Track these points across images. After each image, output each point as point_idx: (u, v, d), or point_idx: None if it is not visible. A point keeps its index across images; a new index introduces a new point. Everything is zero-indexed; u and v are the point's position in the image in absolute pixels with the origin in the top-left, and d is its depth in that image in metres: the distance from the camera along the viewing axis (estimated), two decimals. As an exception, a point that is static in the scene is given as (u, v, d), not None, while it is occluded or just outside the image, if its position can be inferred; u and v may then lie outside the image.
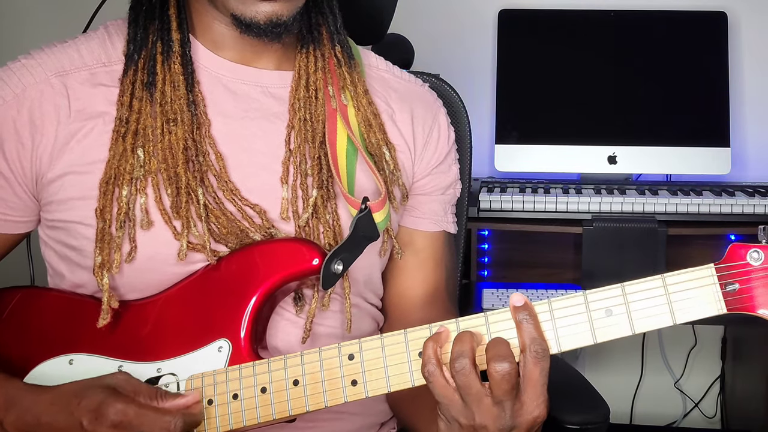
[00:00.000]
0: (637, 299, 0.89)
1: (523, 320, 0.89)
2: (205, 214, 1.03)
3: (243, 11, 1.00)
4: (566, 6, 2.31)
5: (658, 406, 2.50)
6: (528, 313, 0.89)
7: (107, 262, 1.01)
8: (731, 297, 0.87)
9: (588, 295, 0.90)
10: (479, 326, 0.91)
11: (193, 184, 1.03)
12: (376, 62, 1.22)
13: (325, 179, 1.08)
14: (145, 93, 1.04)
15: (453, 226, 1.25)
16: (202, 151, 1.04)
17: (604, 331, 0.89)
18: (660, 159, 2.21)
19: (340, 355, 0.94)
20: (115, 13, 1.13)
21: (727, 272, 0.87)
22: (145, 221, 1.02)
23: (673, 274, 0.88)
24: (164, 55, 1.05)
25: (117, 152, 1.02)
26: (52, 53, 1.05)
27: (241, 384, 0.96)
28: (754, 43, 2.36)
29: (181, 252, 1.02)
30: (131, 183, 1.02)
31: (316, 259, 1.00)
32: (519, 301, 0.90)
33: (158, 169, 1.03)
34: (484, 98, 2.36)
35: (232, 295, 1.01)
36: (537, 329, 0.89)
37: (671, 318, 0.88)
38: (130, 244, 1.02)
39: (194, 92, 1.06)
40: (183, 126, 1.04)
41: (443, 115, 1.22)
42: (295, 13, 1.02)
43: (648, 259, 1.98)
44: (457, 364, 0.87)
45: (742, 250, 0.87)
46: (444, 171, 1.21)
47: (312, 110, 1.10)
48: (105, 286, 1.01)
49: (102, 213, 1.01)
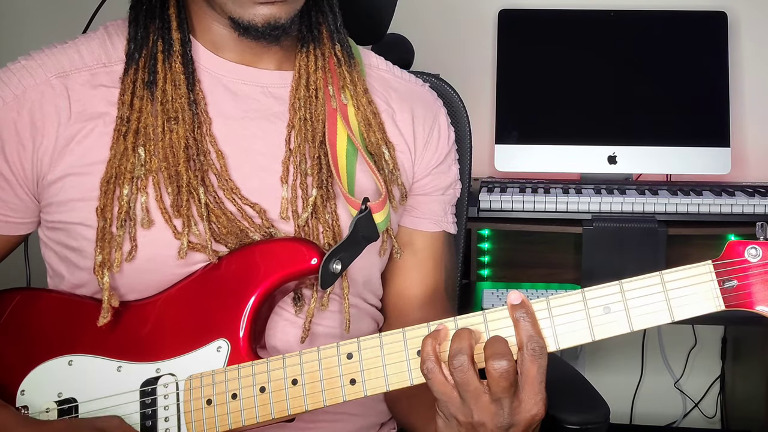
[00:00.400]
0: (635, 296, 0.89)
1: (521, 318, 0.89)
2: (206, 213, 1.03)
3: (241, 14, 1.00)
4: (566, 6, 2.31)
5: (658, 406, 2.50)
6: (525, 311, 0.89)
7: (108, 261, 1.01)
8: (729, 293, 0.87)
9: (586, 292, 0.90)
10: (477, 324, 0.91)
11: (194, 182, 1.03)
12: (376, 62, 1.22)
13: (325, 179, 1.08)
14: (146, 92, 1.04)
15: (453, 227, 1.25)
16: (203, 150, 1.05)
17: (603, 329, 0.89)
18: (660, 159, 2.21)
19: (338, 354, 0.94)
20: (114, 14, 1.13)
21: (725, 269, 0.88)
22: (145, 220, 1.02)
23: (671, 271, 0.89)
24: (165, 54, 1.05)
25: (118, 151, 1.02)
26: (52, 54, 1.05)
27: (240, 384, 0.96)
28: (754, 43, 2.36)
29: (181, 250, 1.02)
30: (132, 182, 1.02)
31: (314, 258, 1.00)
32: (516, 299, 0.90)
33: (159, 168, 1.03)
34: (484, 98, 2.36)
35: (230, 295, 1.01)
36: (534, 327, 0.89)
37: (669, 315, 0.88)
38: (131, 243, 1.02)
39: (195, 91, 1.06)
40: (184, 125, 1.04)
41: (443, 115, 1.22)
42: (293, 15, 1.02)
43: (648, 259, 1.98)
44: (455, 361, 0.87)
45: (740, 247, 0.88)
46: (444, 171, 1.21)
47: (312, 110, 1.10)
48: (105, 285, 1.01)
49: (102, 212, 1.01)
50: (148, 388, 1.00)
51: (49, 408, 1.01)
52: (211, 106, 1.07)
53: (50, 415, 1.01)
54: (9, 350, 1.04)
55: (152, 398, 0.99)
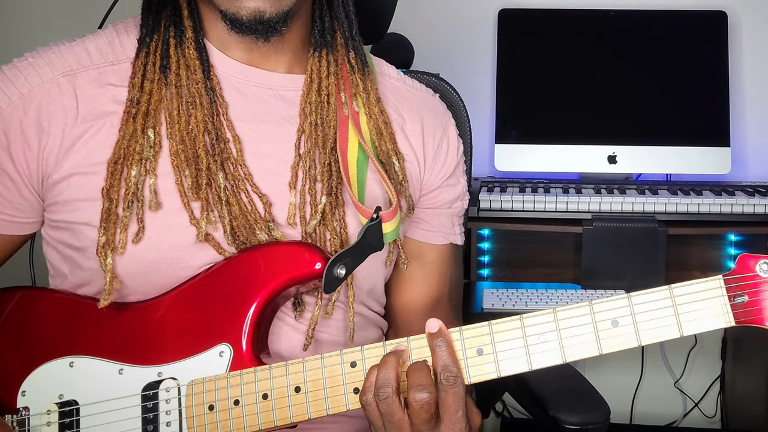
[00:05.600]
0: (644, 310, 0.88)
1: (437, 346, 0.89)
2: (225, 198, 1.02)
3: (227, 6, 1.00)
4: (566, 6, 2.31)
5: (658, 405, 2.50)
6: (442, 339, 0.89)
7: (111, 243, 1.01)
8: (740, 309, 0.86)
9: (594, 305, 0.89)
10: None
11: (213, 167, 1.02)
12: (388, 70, 1.21)
13: (335, 186, 1.07)
14: (159, 75, 1.04)
15: (460, 238, 1.24)
16: (223, 138, 1.04)
17: (610, 342, 0.88)
18: (660, 159, 2.21)
19: (342, 362, 0.94)
20: (124, 13, 1.13)
21: (735, 284, 0.86)
22: (153, 202, 1.01)
23: (681, 285, 0.87)
24: (177, 40, 1.05)
25: (127, 132, 1.01)
26: (60, 52, 1.04)
27: (243, 390, 0.96)
28: (754, 43, 2.36)
29: (200, 233, 1.01)
30: (140, 163, 1.01)
31: (318, 263, 1.00)
32: (434, 327, 0.90)
33: (176, 151, 1.02)
34: (484, 98, 2.36)
35: (233, 298, 1.00)
36: (451, 355, 0.89)
37: (678, 330, 0.87)
38: (138, 224, 1.01)
39: (210, 77, 1.05)
40: (202, 109, 1.03)
41: (452, 126, 1.21)
42: (281, 12, 1.01)
43: (648, 259, 1.98)
44: (381, 392, 0.87)
45: (750, 262, 0.86)
46: (453, 184, 1.21)
47: (323, 115, 1.09)
48: (108, 267, 1.00)
49: (108, 192, 1.00)
50: (149, 393, 0.99)
51: (50, 410, 1.01)
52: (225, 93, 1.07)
53: (51, 417, 1.01)
54: (10, 350, 1.04)
55: (154, 403, 0.99)
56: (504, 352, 0.91)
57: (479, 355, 0.91)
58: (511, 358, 0.90)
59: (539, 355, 0.90)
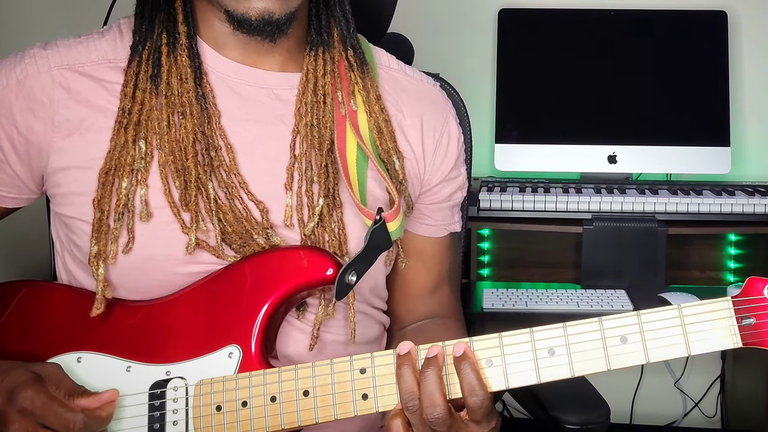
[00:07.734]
0: (652, 328, 0.89)
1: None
2: (215, 209, 1.02)
3: (235, 6, 0.99)
4: (566, 5, 2.31)
5: (658, 405, 2.50)
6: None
7: (103, 253, 1.01)
8: (747, 331, 0.87)
9: (603, 321, 0.90)
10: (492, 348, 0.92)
11: (203, 177, 1.02)
12: (387, 61, 1.19)
13: (332, 187, 1.07)
14: (150, 85, 1.03)
15: (458, 225, 1.24)
16: (214, 145, 1.04)
17: (619, 359, 0.89)
18: (660, 158, 2.22)
19: (351, 369, 0.94)
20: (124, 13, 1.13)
21: (744, 306, 0.87)
22: (144, 213, 1.01)
23: (690, 305, 0.88)
24: (170, 47, 1.05)
25: (118, 143, 1.01)
26: (64, 47, 1.05)
27: (251, 392, 0.96)
28: (754, 42, 2.36)
29: (189, 246, 1.01)
30: (132, 174, 1.01)
31: (330, 269, 1.00)
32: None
33: (166, 162, 1.02)
34: (484, 98, 2.36)
35: (244, 300, 1.00)
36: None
37: (686, 349, 0.88)
38: (128, 235, 1.01)
39: (202, 85, 1.05)
40: (192, 119, 1.03)
41: (453, 118, 1.20)
42: (288, 12, 1.00)
43: (648, 259, 1.98)
44: (409, 406, 0.90)
45: (759, 284, 0.87)
46: (454, 177, 1.20)
47: (320, 115, 1.08)
48: (100, 277, 1.01)
49: (99, 203, 1.01)
50: (157, 391, 0.99)
51: None
52: (218, 100, 1.06)
53: None
54: (17, 344, 1.03)
55: (161, 401, 0.99)
56: (513, 364, 0.91)
57: (488, 367, 0.91)
58: (521, 371, 0.91)
59: (548, 369, 0.90)
